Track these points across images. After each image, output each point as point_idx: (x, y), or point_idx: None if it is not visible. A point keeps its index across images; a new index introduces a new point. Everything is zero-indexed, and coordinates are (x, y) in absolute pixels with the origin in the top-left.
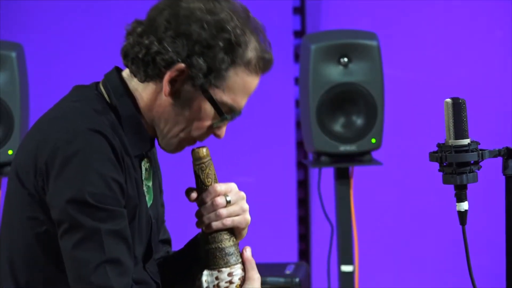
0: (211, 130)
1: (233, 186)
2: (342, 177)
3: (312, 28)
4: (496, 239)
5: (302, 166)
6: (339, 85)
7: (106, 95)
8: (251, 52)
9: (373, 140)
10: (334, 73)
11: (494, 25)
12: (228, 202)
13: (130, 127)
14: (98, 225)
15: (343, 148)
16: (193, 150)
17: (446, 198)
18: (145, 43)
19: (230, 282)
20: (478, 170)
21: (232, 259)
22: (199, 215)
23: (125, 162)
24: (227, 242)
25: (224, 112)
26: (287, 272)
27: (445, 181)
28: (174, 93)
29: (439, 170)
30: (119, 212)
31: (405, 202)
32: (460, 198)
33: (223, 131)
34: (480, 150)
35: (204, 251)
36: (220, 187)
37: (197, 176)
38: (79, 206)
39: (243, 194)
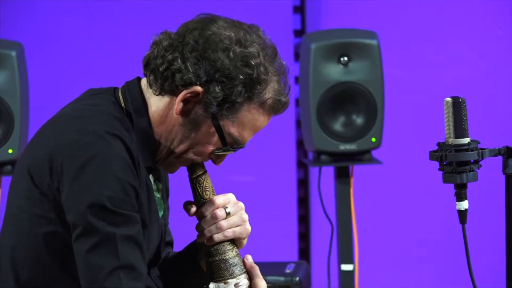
0: (211, 155)
1: (231, 197)
2: (342, 176)
3: (312, 27)
4: (496, 238)
5: (302, 165)
6: (339, 84)
7: (123, 103)
8: (268, 92)
9: (373, 139)
10: (334, 72)
11: (494, 25)
12: (228, 214)
13: (141, 140)
14: (113, 230)
15: (343, 147)
16: (189, 165)
17: (446, 197)
18: (168, 58)
19: None
20: (478, 169)
21: (237, 270)
22: (199, 228)
23: (140, 168)
24: (230, 253)
25: (228, 143)
26: (287, 271)
27: (445, 180)
28: (184, 113)
29: (439, 169)
30: (134, 217)
31: (405, 201)
32: (460, 197)
33: (222, 160)
34: (480, 149)
35: (208, 263)
36: (219, 199)
37: (194, 190)
38: (97, 210)
39: (241, 204)
